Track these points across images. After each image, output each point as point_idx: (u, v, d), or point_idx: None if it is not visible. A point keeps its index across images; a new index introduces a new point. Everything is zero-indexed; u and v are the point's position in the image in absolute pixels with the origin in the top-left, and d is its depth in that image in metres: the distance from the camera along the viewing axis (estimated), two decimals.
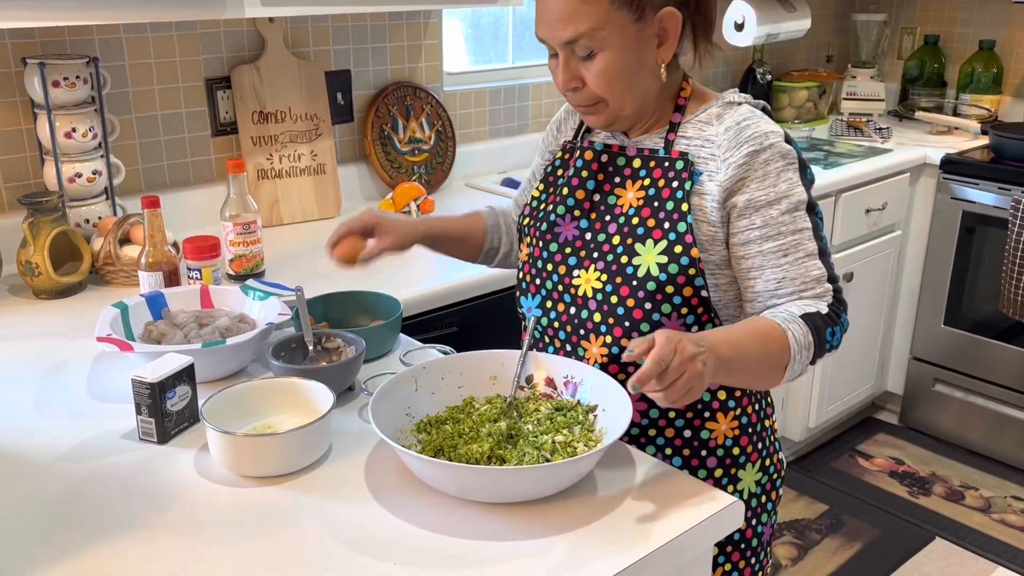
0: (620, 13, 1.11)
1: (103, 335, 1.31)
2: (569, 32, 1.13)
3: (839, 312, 1.16)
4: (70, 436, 1.20)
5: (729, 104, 1.21)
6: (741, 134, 1.16)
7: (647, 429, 1.25)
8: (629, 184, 1.23)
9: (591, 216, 1.25)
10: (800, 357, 1.11)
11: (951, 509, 2.79)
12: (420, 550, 0.97)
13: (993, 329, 2.94)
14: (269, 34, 2.12)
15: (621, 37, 1.13)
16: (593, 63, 1.15)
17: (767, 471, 1.33)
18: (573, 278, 1.24)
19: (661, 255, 1.16)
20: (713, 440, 1.26)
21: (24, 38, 1.81)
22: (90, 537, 0.99)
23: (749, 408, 1.29)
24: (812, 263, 1.15)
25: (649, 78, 1.18)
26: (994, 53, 3.33)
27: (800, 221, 1.15)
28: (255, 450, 1.08)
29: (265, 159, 2.14)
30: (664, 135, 1.22)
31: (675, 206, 1.17)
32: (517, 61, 2.81)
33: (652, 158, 1.21)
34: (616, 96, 1.17)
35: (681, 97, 1.23)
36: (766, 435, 1.33)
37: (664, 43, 1.16)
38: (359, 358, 1.30)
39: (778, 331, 1.10)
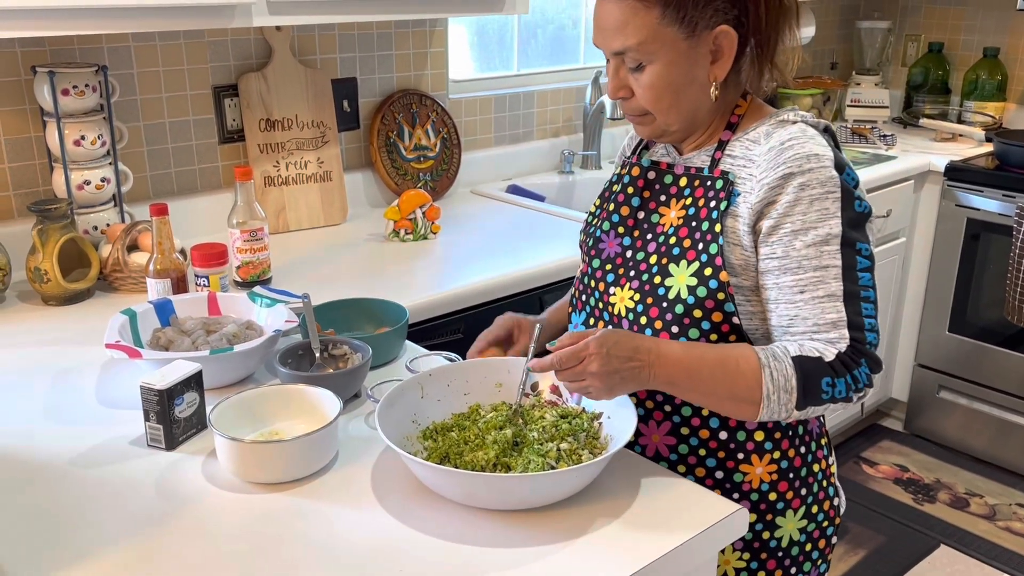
0: (669, 29, 1.10)
1: (112, 342, 1.32)
2: (618, 43, 1.12)
3: (852, 363, 1.06)
4: (79, 442, 1.21)
5: (782, 122, 1.15)
6: (781, 155, 1.10)
7: (676, 465, 1.21)
8: (673, 203, 1.20)
9: (634, 233, 1.23)
10: (777, 398, 1.05)
11: (956, 516, 2.78)
12: (426, 557, 0.97)
13: (998, 336, 2.94)
14: (276, 42, 2.14)
15: (670, 52, 1.11)
16: (642, 75, 1.13)
17: (814, 518, 1.25)
18: (610, 295, 1.23)
19: (691, 277, 1.14)
20: (747, 483, 1.20)
21: (33, 46, 1.82)
22: (98, 543, 1.00)
23: (791, 451, 1.21)
24: (831, 305, 1.07)
25: (699, 95, 1.15)
26: (998, 60, 3.33)
27: (827, 257, 1.08)
28: (262, 457, 1.09)
29: (272, 166, 2.16)
30: (711, 153, 1.19)
31: (709, 227, 1.14)
32: (522, 68, 2.82)
33: (697, 176, 1.19)
34: (662, 110, 1.15)
35: (735, 115, 1.19)
36: (814, 480, 1.24)
37: (718, 60, 1.13)
38: (366, 365, 1.31)
39: (752, 365, 1.06)
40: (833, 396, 1.07)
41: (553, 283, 1.97)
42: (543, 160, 2.79)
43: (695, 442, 1.20)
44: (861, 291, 1.09)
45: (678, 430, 1.20)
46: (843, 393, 1.07)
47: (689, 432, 1.20)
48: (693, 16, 1.09)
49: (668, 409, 1.20)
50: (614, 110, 2.69)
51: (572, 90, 2.84)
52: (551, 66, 2.90)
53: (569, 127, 2.87)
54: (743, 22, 1.13)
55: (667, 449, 1.21)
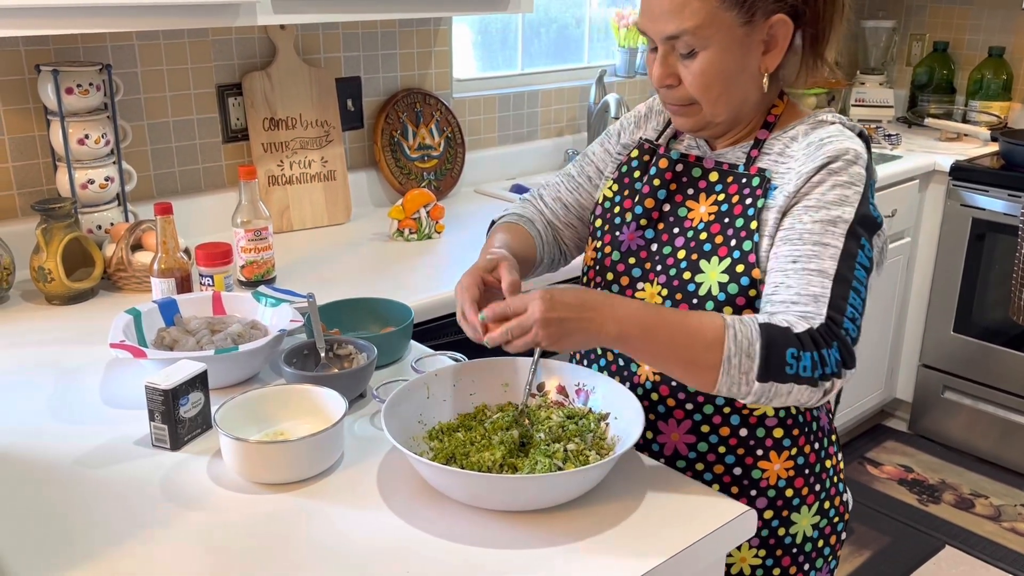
0: (728, 14, 1.07)
1: (116, 341, 1.32)
2: (673, 27, 1.08)
3: (822, 342, 1.00)
4: (83, 442, 1.20)
5: (820, 122, 1.16)
6: (821, 148, 1.10)
7: (694, 463, 1.20)
8: (703, 197, 1.18)
9: (658, 227, 1.21)
10: (739, 362, 0.99)
11: (961, 517, 2.77)
12: (432, 557, 0.97)
13: (1003, 336, 2.93)
14: (280, 41, 2.13)
15: (726, 38, 1.08)
16: (693, 62, 1.10)
17: (826, 514, 1.25)
18: (636, 290, 1.20)
19: (723, 274, 1.12)
20: (765, 480, 1.20)
21: (37, 45, 1.82)
22: (103, 543, 0.99)
23: (807, 447, 1.22)
24: (818, 280, 1.04)
25: (749, 86, 1.13)
26: (1003, 60, 3.32)
27: (830, 236, 1.06)
28: (268, 457, 1.08)
29: (276, 165, 2.15)
30: (747, 150, 1.17)
31: (744, 223, 1.12)
32: (526, 67, 2.82)
33: (730, 173, 1.17)
34: (711, 100, 1.12)
35: (772, 113, 1.18)
36: (826, 476, 1.25)
37: (770, 51, 1.11)
38: (371, 365, 1.30)
39: (715, 325, 1.00)
40: (798, 372, 0.99)
41: (557, 283, 1.96)
42: (547, 159, 2.79)
43: (715, 439, 1.19)
44: (853, 281, 1.05)
45: (698, 428, 1.19)
46: (808, 371, 1.00)
47: (709, 430, 1.19)
48: (754, 2, 1.07)
49: (689, 407, 1.19)
50: (619, 109, 2.68)
51: (576, 89, 2.83)
52: (555, 65, 2.90)
53: (573, 126, 2.86)
54: (800, 13, 1.10)
55: (686, 448, 1.20)
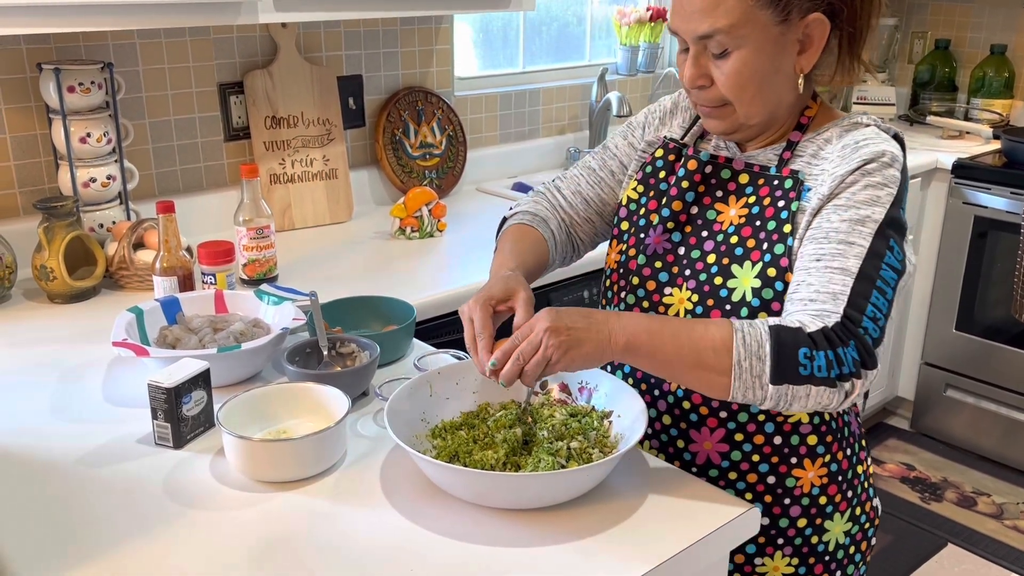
0: (763, 12, 1.04)
1: (119, 340, 1.31)
2: (706, 26, 1.05)
3: (837, 341, 0.98)
4: (86, 441, 1.20)
5: (855, 124, 1.13)
6: (857, 151, 1.08)
7: (727, 472, 1.18)
8: (732, 200, 1.16)
9: (686, 230, 1.18)
10: (749, 366, 0.97)
11: (963, 515, 2.77)
12: (435, 555, 0.97)
13: (1005, 334, 2.93)
14: (282, 39, 2.13)
15: (760, 37, 1.05)
16: (726, 62, 1.07)
17: (857, 520, 1.24)
18: (664, 295, 1.18)
19: (756, 279, 1.10)
20: (799, 488, 1.18)
21: (39, 43, 1.82)
22: (106, 542, 0.99)
23: (840, 454, 1.20)
24: (839, 277, 1.01)
25: (783, 87, 1.10)
26: (1005, 57, 3.32)
27: (856, 235, 1.03)
28: (271, 455, 1.08)
29: (277, 164, 2.15)
30: (779, 152, 1.15)
31: (777, 226, 1.10)
32: (528, 66, 2.82)
33: (761, 175, 1.14)
34: (745, 101, 1.09)
35: (805, 115, 1.15)
36: (858, 482, 1.23)
37: (806, 51, 1.08)
38: (374, 363, 1.30)
39: (724, 330, 0.99)
40: (812, 373, 0.97)
41: (559, 281, 1.96)
42: (549, 157, 2.79)
43: (748, 448, 1.17)
44: (878, 280, 1.02)
45: (732, 437, 1.17)
46: (823, 371, 0.97)
47: (743, 438, 1.17)
48: (789, 0, 1.04)
49: (723, 415, 1.17)
50: (620, 107, 2.68)
51: (578, 87, 2.83)
52: (556, 63, 2.89)
53: (575, 124, 2.86)
54: (837, 12, 1.08)
55: (719, 456, 1.18)
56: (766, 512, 1.18)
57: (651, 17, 2.91)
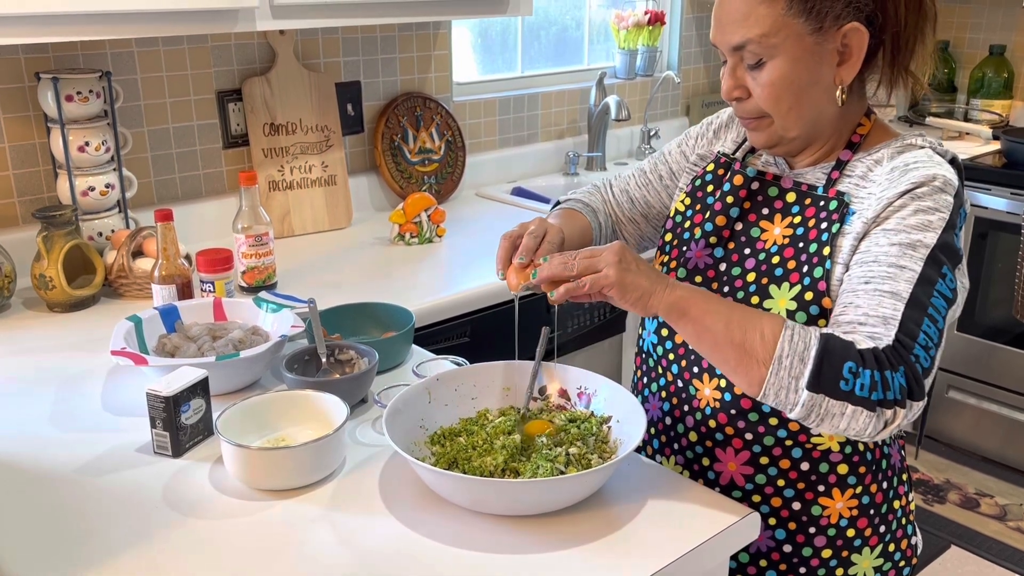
0: (796, 21, 1.02)
1: (117, 348, 1.31)
2: (739, 36, 1.04)
3: (886, 364, 0.93)
4: (85, 450, 1.20)
5: (909, 145, 1.08)
6: (907, 174, 1.03)
7: (751, 494, 1.15)
8: (778, 218, 1.13)
9: (728, 246, 1.16)
10: (789, 364, 0.94)
11: (966, 517, 2.77)
12: (434, 562, 0.96)
13: (1006, 335, 2.93)
14: (280, 46, 2.13)
15: (795, 47, 1.03)
16: (761, 73, 1.05)
17: (890, 557, 1.18)
18: None
19: (792, 301, 1.07)
20: (825, 518, 1.14)
21: (37, 53, 1.82)
22: (105, 550, 0.99)
23: (874, 486, 1.15)
24: (890, 301, 0.97)
25: (822, 99, 1.07)
26: (1004, 58, 3.32)
27: (907, 260, 0.98)
28: (270, 463, 1.08)
29: (276, 171, 2.15)
30: (828, 172, 1.11)
31: (818, 248, 1.06)
32: (526, 70, 2.82)
33: (809, 195, 1.11)
34: (782, 112, 1.06)
35: (857, 133, 1.11)
36: (893, 517, 1.18)
37: (846, 62, 1.04)
38: (372, 370, 1.30)
39: (776, 323, 0.97)
40: (853, 390, 0.92)
41: None
42: (548, 162, 2.79)
43: (774, 472, 1.14)
44: (930, 308, 0.97)
45: (757, 459, 1.14)
46: (865, 391, 0.92)
47: (769, 461, 1.14)
48: (823, 8, 1.01)
49: (749, 437, 1.14)
50: (619, 111, 2.68)
51: (576, 92, 2.83)
52: (555, 68, 2.90)
53: (574, 129, 2.86)
54: (877, 22, 1.04)
55: (743, 479, 1.16)
56: (789, 540, 1.15)
57: (649, 21, 2.91)
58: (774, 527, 1.15)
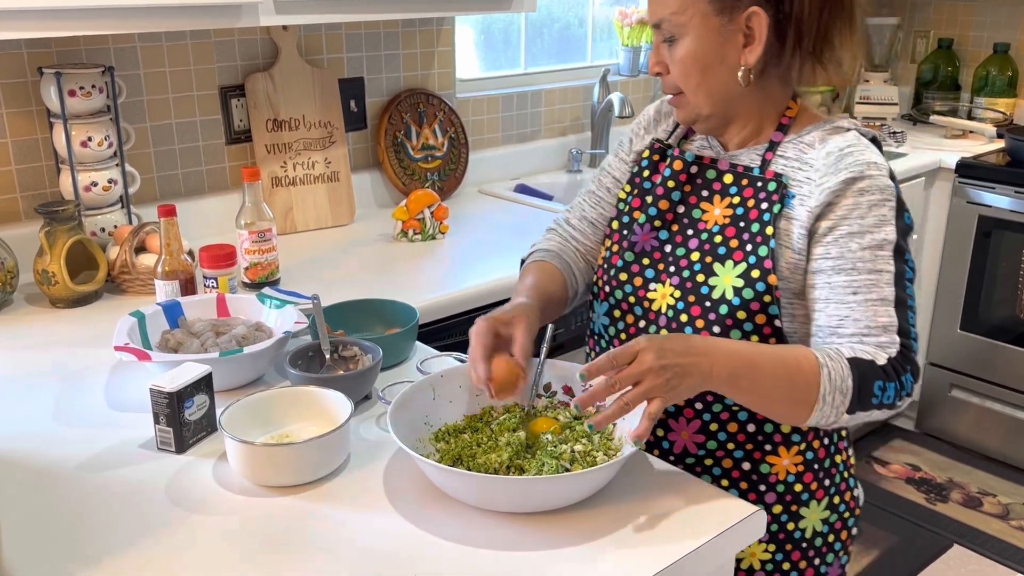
0: (703, 2, 1.10)
1: (121, 344, 1.31)
2: (656, 15, 1.14)
3: (901, 369, 1.05)
4: (88, 446, 1.20)
5: (836, 128, 1.15)
6: (842, 160, 1.10)
7: (703, 459, 1.20)
8: (717, 199, 1.18)
9: (672, 228, 1.21)
10: (832, 400, 1.02)
11: (969, 516, 2.76)
12: (439, 559, 0.96)
13: (1010, 334, 2.92)
14: (283, 42, 2.13)
15: (701, 26, 1.10)
16: (675, 49, 1.13)
17: (836, 509, 1.25)
18: (649, 291, 1.21)
19: (738, 278, 1.12)
20: (774, 475, 1.20)
21: (40, 47, 1.81)
22: (108, 547, 0.99)
23: (816, 443, 1.21)
24: (883, 309, 1.06)
25: (729, 78, 1.13)
26: (1009, 56, 3.31)
27: (881, 262, 1.07)
28: (274, 459, 1.08)
29: (279, 167, 2.15)
30: (762, 153, 1.17)
31: (760, 228, 1.12)
32: (529, 67, 2.81)
33: (745, 176, 1.16)
34: (691, 88, 1.14)
35: (786, 116, 1.17)
36: (836, 471, 1.25)
37: (750, 44, 1.11)
38: (376, 366, 1.30)
39: (811, 364, 1.02)
40: (882, 401, 1.04)
41: None
42: (551, 159, 2.78)
43: (724, 437, 1.19)
44: (908, 299, 1.08)
45: (708, 427, 1.19)
46: (891, 399, 1.05)
47: (718, 427, 1.18)
48: None
49: (699, 407, 1.18)
50: (622, 108, 2.67)
51: (579, 88, 2.83)
52: (558, 64, 2.89)
53: (576, 126, 2.85)
54: (782, 9, 1.09)
55: (695, 446, 1.20)
56: (742, 498, 1.17)
57: None
58: (727, 487, 1.20)
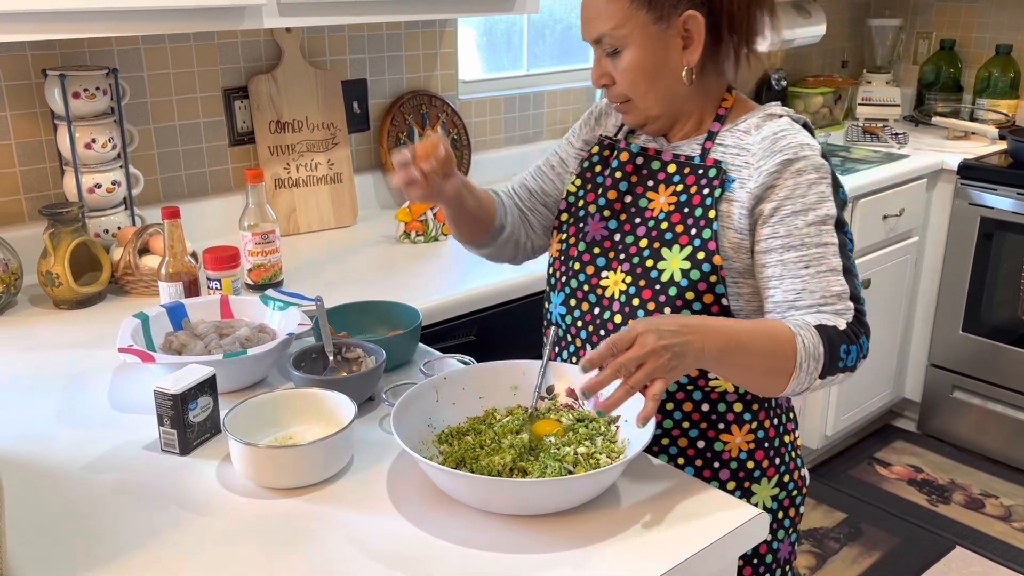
0: (639, 13, 1.15)
1: (124, 346, 1.31)
2: (596, 31, 1.18)
3: (858, 332, 1.12)
4: (92, 447, 1.20)
5: (770, 116, 1.22)
6: (776, 143, 1.17)
7: (660, 438, 1.25)
8: (662, 188, 1.24)
9: (620, 217, 1.27)
10: (807, 367, 1.07)
11: (971, 517, 2.76)
12: (442, 561, 0.96)
13: (1012, 335, 2.92)
14: (286, 44, 2.13)
15: (642, 36, 1.16)
16: (619, 60, 1.18)
17: (785, 487, 1.31)
18: (601, 279, 1.26)
19: (685, 261, 1.18)
20: (727, 453, 1.25)
21: (44, 50, 1.82)
22: (112, 549, 0.99)
23: (767, 422, 1.28)
24: (834, 278, 1.13)
25: (674, 80, 1.19)
26: (1011, 57, 3.31)
27: (826, 235, 1.14)
28: (277, 461, 1.08)
29: (282, 168, 2.15)
30: (702, 143, 1.23)
31: (703, 212, 1.19)
32: (532, 68, 2.81)
33: (687, 164, 1.23)
34: (640, 95, 1.20)
35: (722, 107, 1.24)
36: (785, 451, 1.31)
37: (689, 46, 1.17)
38: (380, 368, 1.30)
39: (787, 335, 1.07)
40: (846, 364, 1.11)
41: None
42: None
43: (679, 415, 1.24)
44: (852, 268, 1.16)
45: (663, 406, 1.24)
46: (852, 361, 1.12)
47: (673, 407, 1.24)
48: (660, 0, 1.14)
49: None
50: None
51: (582, 90, 2.83)
52: (560, 66, 2.89)
53: None
54: (712, 8, 1.16)
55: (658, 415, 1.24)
56: (697, 475, 1.25)
57: None
58: (683, 465, 1.25)
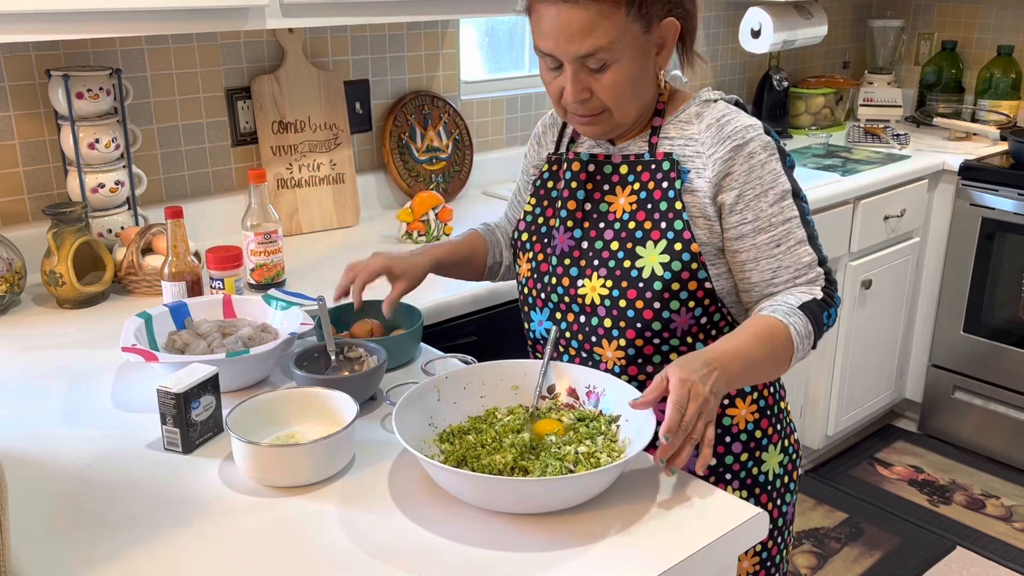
0: (633, 25, 1.15)
1: (128, 345, 1.32)
2: (587, 46, 1.13)
3: (831, 292, 1.21)
4: (95, 446, 1.21)
5: (706, 102, 1.25)
6: (723, 130, 1.20)
7: None
8: (619, 190, 1.26)
9: (584, 225, 1.28)
10: (803, 347, 1.17)
11: (972, 518, 2.76)
12: (443, 560, 0.97)
13: (1013, 336, 2.92)
14: (289, 44, 2.14)
15: (633, 48, 1.16)
16: (605, 75, 1.16)
17: (787, 451, 1.38)
18: (578, 288, 1.27)
19: (663, 254, 1.21)
20: (736, 425, 1.30)
21: (48, 50, 1.83)
22: (115, 547, 0.99)
23: (765, 391, 1.34)
24: (803, 249, 1.21)
25: (649, 86, 1.22)
26: (1012, 58, 3.31)
27: (788, 210, 1.21)
28: (280, 460, 1.09)
29: (285, 168, 2.16)
30: (647, 139, 1.26)
31: (668, 206, 1.21)
32: (534, 69, 2.82)
33: (639, 162, 1.25)
34: (622, 105, 1.20)
35: (660, 102, 1.26)
36: (783, 416, 1.37)
37: (662, 51, 1.20)
38: (382, 367, 1.31)
39: (781, 328, 1.15)
40: (828, 325, 1.21)
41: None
42: None
43: None
44: (814, 231, 1.23)
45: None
46: (832, 320, 1.22)
47: None
48: (650, 10, 1.15)
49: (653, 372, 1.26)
50: None
51: None
52: None
53: None
54: (681, 13, 1.20)
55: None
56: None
57: None
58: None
